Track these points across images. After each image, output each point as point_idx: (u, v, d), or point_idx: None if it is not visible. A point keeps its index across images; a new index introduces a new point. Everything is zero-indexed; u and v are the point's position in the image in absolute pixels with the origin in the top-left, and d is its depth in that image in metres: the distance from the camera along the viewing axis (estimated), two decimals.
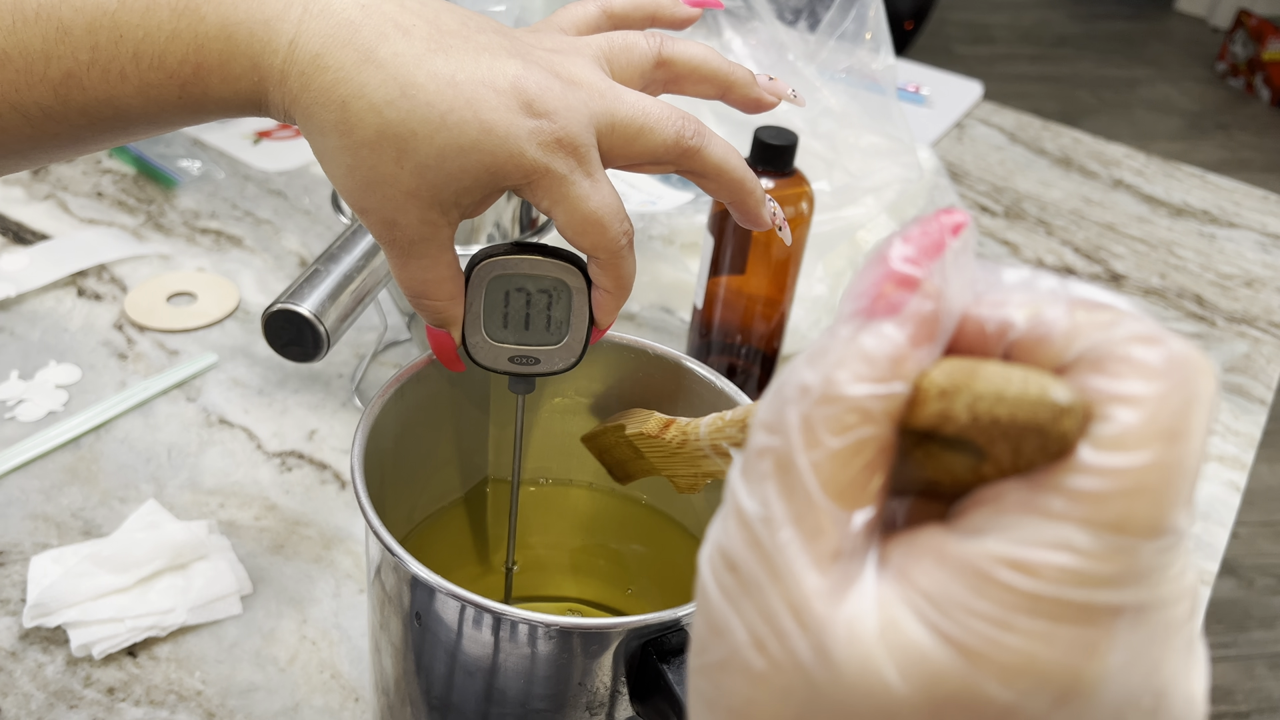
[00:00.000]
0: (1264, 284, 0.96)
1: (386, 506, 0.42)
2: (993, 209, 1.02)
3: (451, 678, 0.34)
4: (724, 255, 0.67)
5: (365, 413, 0.38)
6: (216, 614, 0.55)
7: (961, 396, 0.19)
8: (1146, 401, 0.18)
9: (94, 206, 0.86)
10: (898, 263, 0.20)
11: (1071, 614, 0.18)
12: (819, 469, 0.19)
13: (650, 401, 0.44)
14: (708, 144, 0.36)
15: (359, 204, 0.34)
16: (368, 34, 0.32)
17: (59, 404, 0.67)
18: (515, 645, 0.32)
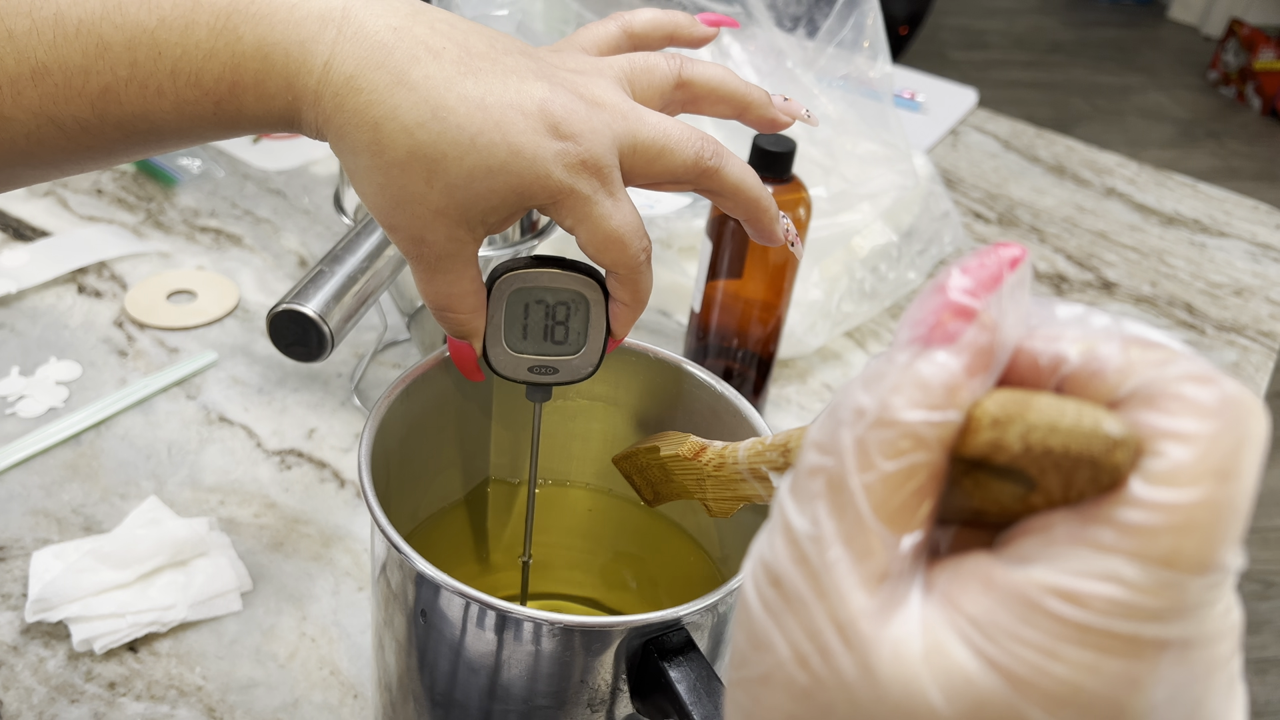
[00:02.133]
0: (1253, 293, 0.97)
1: (391, 506, 0.42)
2: (986, 216, 1.03)
3: (455, 674, 0.35)
4: (722, 260, 0.68)
5: (372, 413, 0.39)
6: (217, 610, 0.56)
7: (1015, 426, 0.19)
8: (1199, 439, 0.19)
9: (94, 204, 0.87)
10: (956, 293, 0.20)
11: (1118, 646, 0.18)
12: (871, 491, 0.19)
13: (650, 405, 0.45)
14: (726, 164, 0.37)
15: (388, 221, 0.35)
16: (400, 57, 0.33)
17: (59, 400, 0.68)
18: (519, 643, 0.33)
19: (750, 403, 0.72)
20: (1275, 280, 0.99)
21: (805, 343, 0.76)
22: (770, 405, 0.75)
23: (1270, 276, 1.00)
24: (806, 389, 0.78)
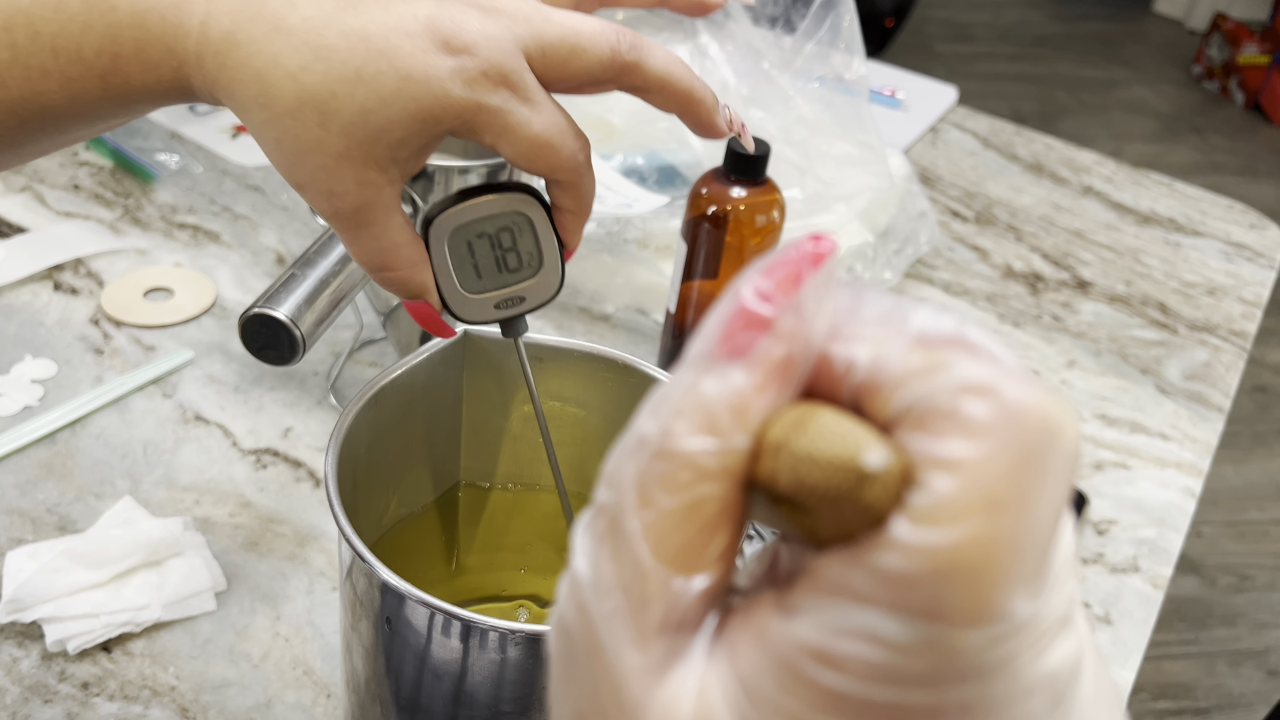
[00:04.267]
0: (1226, 293, 0.98)
1: (359, 510, 0.43)
2: (964, 214, 1.04)
3: (420, 680, 0.35)
4: (697, 261, 0.68)
5: (339, 420, 0.39)
6: (191, 610, 0.56)
7: (784, 455, 0.17)
8: (966, 466, 0.16)
9: (71, 199, 0.87)
10: (750, 300, 0.17)
11: (879, 716, 0.16)
12: (650, 531, 0.17)
13: (620, 411, 0.45)
14: (647, 57, 0.35)
15: (295, 178, 0.34)
16: (276, 3, 0.32)
17: (34, 399, 0.68)
18: (483, 651, 0.33)
19: None
20: (1248, 280, 1.00)
21: None
22: None
23: (1243, 276, 1.01)
24: None
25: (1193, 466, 0.76)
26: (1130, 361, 0.87)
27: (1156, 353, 0.88)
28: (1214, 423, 0.81)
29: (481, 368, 0.45)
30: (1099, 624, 0.63)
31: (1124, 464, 0.76)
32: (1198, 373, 0.87)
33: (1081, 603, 0.19)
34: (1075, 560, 0.18)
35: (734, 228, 0.66)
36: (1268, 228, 1.09)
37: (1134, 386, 0.84)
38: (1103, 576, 0.67)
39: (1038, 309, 0.91)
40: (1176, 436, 0.79)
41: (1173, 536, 0.70)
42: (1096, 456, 0.76)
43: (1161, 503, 0.73)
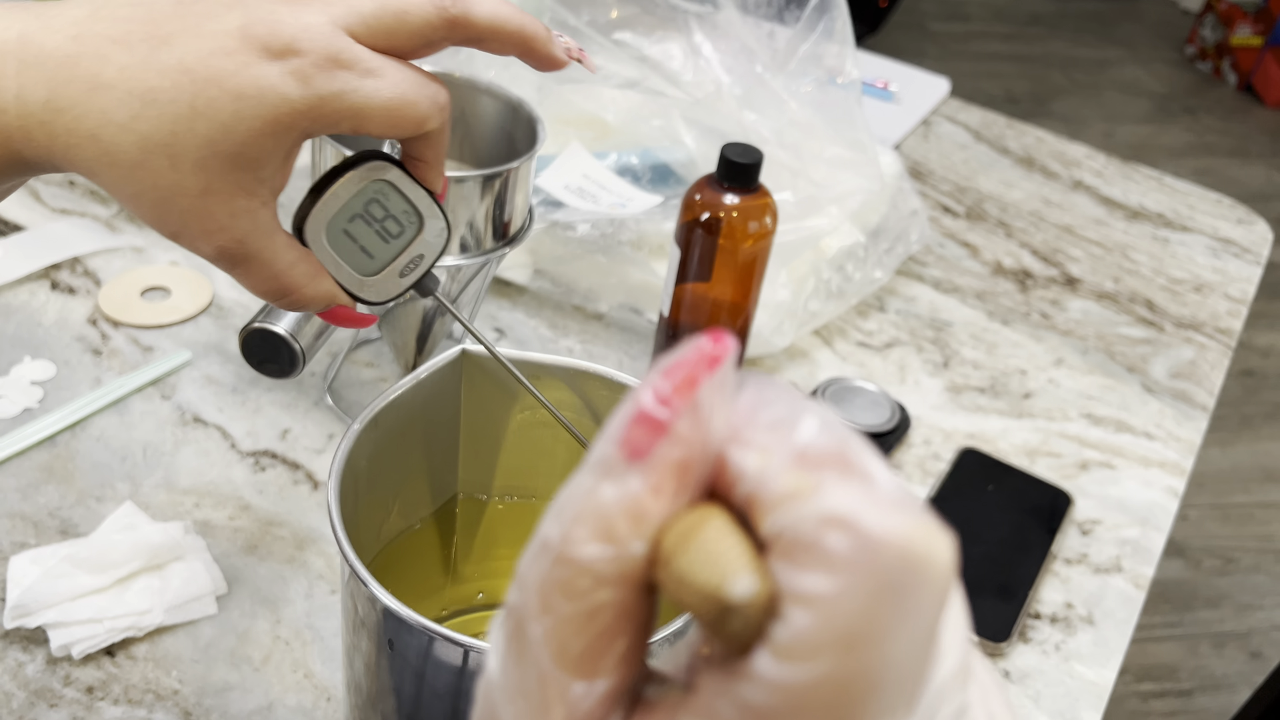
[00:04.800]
0: (1212, 289, 0.99)
1: (359, 523, 0.44)
2: (955, 209, 1.05)
3: (419, 698, 0.37)
4: (690, 265, 0.69)
5: (341, 442, 0.40)
6: (192, 614, 0.57)
7: (668, 571, 0.17)
8: (822, 602, 0.16)
9: (66, 196, 0.87)
10: (648, 403, 0.17)
11: None
12: (551, 637, 0.17)
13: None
14: (473, 6, 0.35)
15: (168, 229, 0.33)
16: (88, 62, 0.32)
17: (34, 401, 0.68)
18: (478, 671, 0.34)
19: None
20: (1234, 276, 1.01)
21: (772, 343, 0.78)
22: None
23: (1229, 272, 1.02)
24: None
25: (1176, 466, 0.78)
26: (1117, 359, 0.88)
27: (1143, 350, 0.89)
28: (1198, 421, 0.82)
29: (478, 384, 0.46)
30: (1081, 624, 0.65)
31: (1109, 464, 0.77)
32: (1183, 371, 0.88)
33: (980, 704, 0.19)
34: (965, 672, 0.18)
35: (727, 233, 0.67)
36: (1255, 223, 1.10)
37: (1120, 385, 0.85)
38: (1086, 577, 0.68)
39: (1027, 306, 0.92)
40: (1161, 435, 0.80)
41: (1155, 536, 0.72)
42: (1082, 456, 0.77)
43: (1145, 502, 0.74)
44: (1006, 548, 0.68)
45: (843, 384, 0.78)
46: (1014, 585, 0.66)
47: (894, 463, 0.74)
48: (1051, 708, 0.60)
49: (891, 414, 0.76)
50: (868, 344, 0.85)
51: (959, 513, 0.70)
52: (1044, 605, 0.66)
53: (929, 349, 0.85)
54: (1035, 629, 0.64)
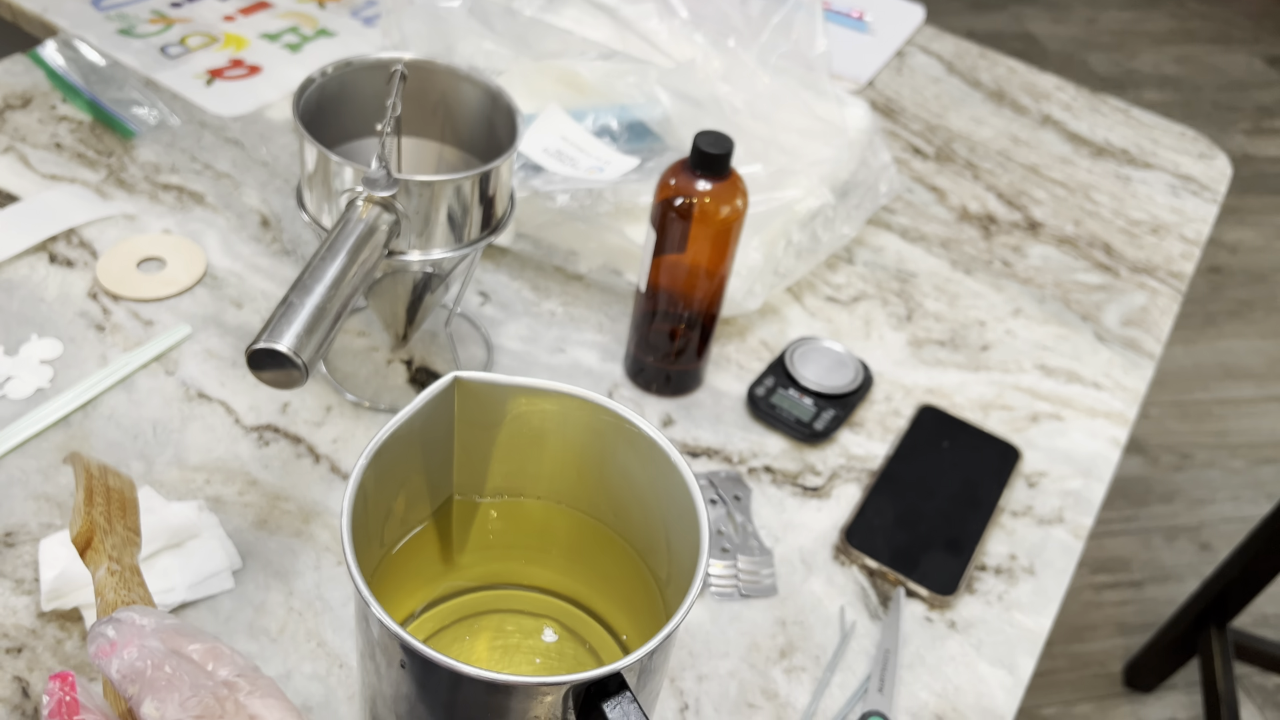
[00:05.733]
0: (1169, 231, 1.03)
1: (369, 534, 0.49)
2: (925, 150, 1.07)
3: (431, 708, 0.42)
4: (666, 243, 0.72)
5: (351, 480, 0.44)
6: (212, 589, 0.63)
7: None
8: None
9: (55, 160, 0.89)
10: None
11: None
12: None
13: (592, 440, 0.51)
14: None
15: None
16: None
17: (45, 380, 0.72)
18: (489, 694, 0.40)
19: (694, 363, 0.77)
20: (1190, 216, 1.05)
21: (744, 306, 0.82)
22: (712, 364, 0.82)
23: (1186, 212, 1.05)
24: (745, 346, 0.84)
25: (1121, 416, 0.83)
26: (1072, 308, 0.92)
27: (1098, 298, 0.94)
28: (1144, 370, 0.88)
29: (470, 404, 0.50)
30: (1023, 574, 0.71)
31: (1058, 415, 0.83)
32: (1134, 318, 0.92)
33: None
34: None
35: (699, 217, 0.70)
36: (1216, 157, 1.13)
37: (1073, 334, 0.90)
38: (1030, 529, 0.74)
39: (989, 254, 0.96)
40: (1109, 385, 0.86)
41: (1096, 487, 0.78)
42: (1033, 409, 0.83)
43: (1089, 454, 0.80)
44: (958, 503, 0.74)
45: (810, 344, 0.82)
46: (963, 540, 0.72)
47: (857, 421, 0.79)
48: (991, 655, 0.66)
49: (856, 374, 0.80)
50: (835, 298, 0.89)
51: (916, 470, 0.76)
52: (990, 557, 0.72)
53: (894, 301, 0.90)
54: (980, 580, 0.71)
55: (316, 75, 0.67)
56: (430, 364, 0.78)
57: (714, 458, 0.75)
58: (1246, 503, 1.92)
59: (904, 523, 0.72)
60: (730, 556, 0.69)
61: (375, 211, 0.61)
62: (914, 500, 0.74)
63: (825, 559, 0.70)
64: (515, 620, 0.56)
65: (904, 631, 0.67)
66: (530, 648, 0.55)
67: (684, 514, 0.47)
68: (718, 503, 0.72)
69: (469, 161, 0.73)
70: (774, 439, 0.77)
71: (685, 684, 0.62)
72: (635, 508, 0.52)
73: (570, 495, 0.54)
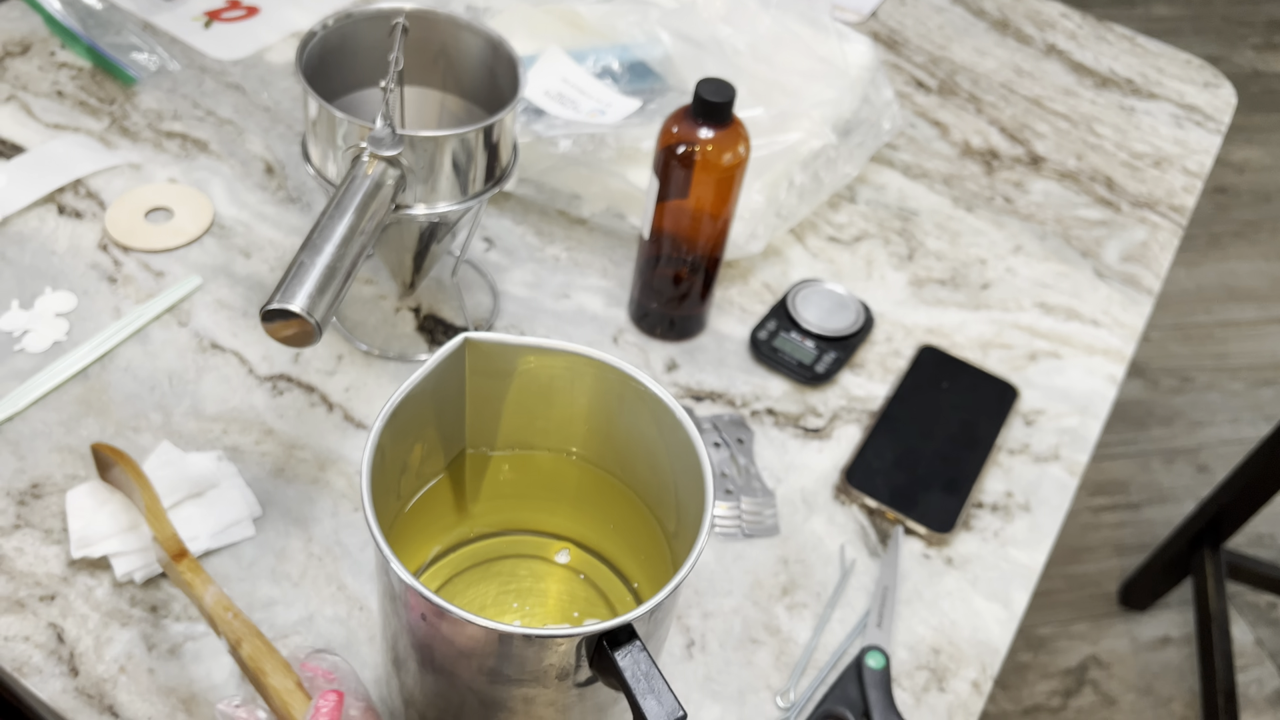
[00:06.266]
0: (1171, 163, 1.03)
1: (386, 488, 0.50)
2: (928, 84, 1.07)
3: (451, 655, 0.44)
4: (669, 189, 0.73)
5: (367, 443, 0.46)
6: (234, 537, 0.65)
7: None
8: None
9: (57, 108, 0.89)
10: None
11: None
12: None
13: (600, 401, 0.52)
14: None
15: None
16: None
17: (62, 333, 0.73)
18: (506, 645, 0.42)
19: (697, 307, 0.78)
20: (1193, 148, 1.05)
21: (747, 249, 0.82)
22: (715, 308, 0.83)
23: (1189, 144, 1.05)
24: (748, 289, 0.85)
25: (1118, 353, 0.85)
26: (1073, 244, 0.93)
27: (1098, 233, 0.95)
28: (1143, 306, 0.89)
29: (481, 362, 0.51)
30: (1019, 511, 0.73)
31: (1056, 353, 0.84)
32: (1134, 253, 0.93)
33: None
34: None
35: (702, 164, 0.70)
36: (1221, 86, 1.12)
37: (1073, 271, 0.91)
38: (1027, 466, 0.76)
39: (991, 190, 0.97)
40: (1107, 322, 0.87)
41: (1092, 424, 0.79)
42: (1032, 347, 0.84)
43: (1086, 391, 0.81)
44: (956, 442, 0.76)
45: (812, 286, 0.83)
46: (961, 478, 0.74)
47: (858, 362, 0.81)
48: (987, 590, 0.69)
49: (857, 316, 0.82)
50: (837, 239, 0.90)
51: (915, 410, 0.77)
52: (986, 495, 0.74)
53: (895, 241, 0.90)
54: (977, 517, 0.73)
55: (318, 28, 0.67)
56: (438, 311, 0.79)
57: (717, 401, 0.77)
58: (1245, 425, 1.94)
59: (903, 463, 0.74)
60: (734, 498, 0.71)
61: (381, 167, 0.62)
62: (913, 440, 0.75)
63: (826, 499, 0.72)
64: (527, 565, 0.58)
65: (902, 569, 0.69)
66: (542, 591, 0.58)
67: (690, 469, 0.48)
68: (721, 446, 0.73)
69: (471, 110, 0.73)
70: (776, 381, 0.78)
71: (691, 621, 0.65)
72: (643, 461, 0.53)
73: (580, 448, 0.56)
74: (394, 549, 0.42)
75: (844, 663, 0.64)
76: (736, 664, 0.63)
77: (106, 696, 0.58)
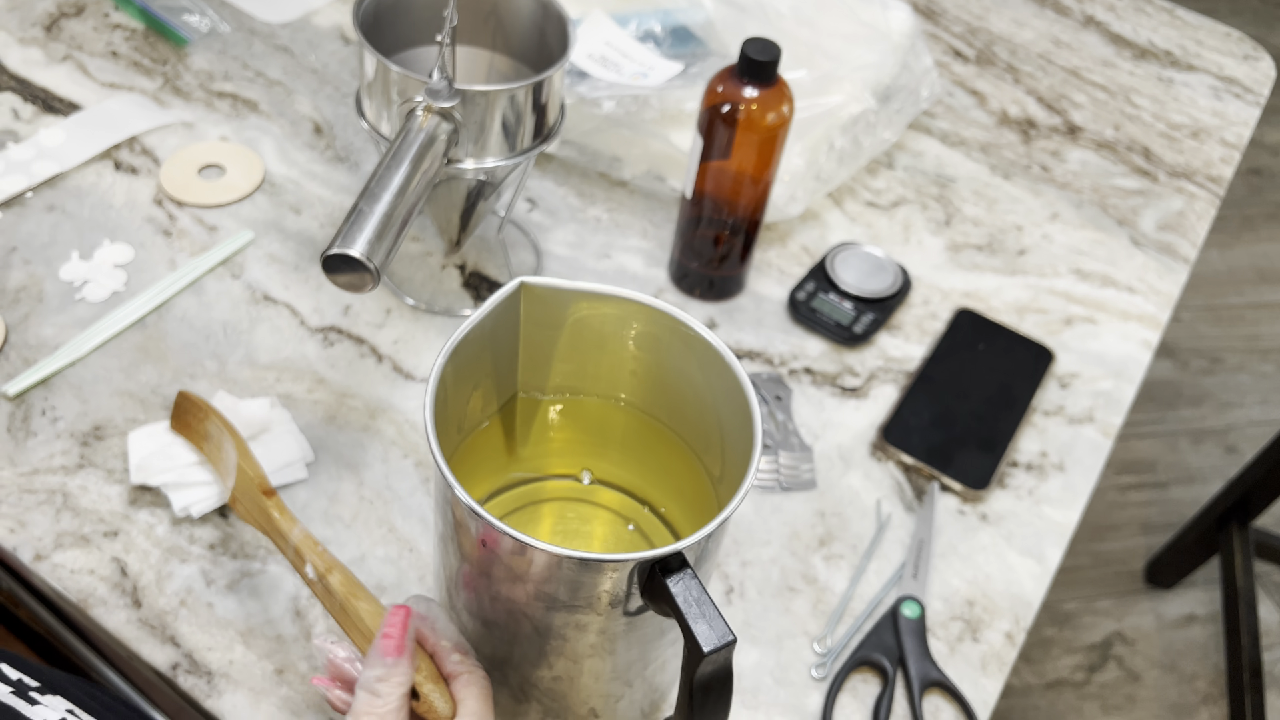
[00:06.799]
0: (1209, 134, 1.03)
1: (448, 422, 0.52)
2: (965, 54, 1.07)
3: (507, 581, 0.46)
4: (712, 149, 0.74)
5: (429, 384, 0.47)
6: (287, 479, 0.67)
7: (421, 693, 0.48)
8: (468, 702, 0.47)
9: (112, 68, 0.91)
10: (386, 641, 0.46)
11: None
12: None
13: (647, 345, 0.54)
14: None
15: None
16: None
17: (120, 284, 0.76)
18: (559, 569, 0.44)
19: (737, 268, 0.80)
20: (1232, 119, 1.05)
21: (787, 211, 0.84)
22: (754, 270, 0.84)
23: (1228, 115, 1.05)
24: (786, 252, 0.86)
25: (1153, 319, 0.85)
26: (1109, 212, 0.94)
27: (1134, 202, 0.95)
28: (1179, 274, 0.89)
29: (534, 307, 0.53)
30: (1053, 471, 0.74)
31: (1091, 318, 0.85)
32: (1171, 222, 0.94)
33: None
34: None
35: (745, 124, 0.71)
36: (1260, 59, 1.12)
37: (1109, 239, 0.91)
38: (1061, 427, 0.77)
39: (1028, 159, 0.97)
40: (1142, 289, 0.88)
41: (1126, 388, 0.80)
42: (1068, 312, 0.85)
43: (1121, 356, 0.82)
44: (992, 403, 0.77)
45: (850, 249, 0.84)
46: (996, 438, 0.75)
47: (895, 324, 0.82)
48: (1020, 545, 0.70)
49: (895, 279, 0.83)
50: (875, 204, 0.91)
51: (952, 371, 0.78)
52: (1021, 454, 0.75)
53: (933, 206, 0.91)
54: (1012, 476, 0.74)
55: None
56: (483, 269, 0.81)
57: (755, 360, 0.78)
58: (1275, 406, 1.94)
59: (939, 422, 0.75)
60: (772, 452, 0.72)
61: (435, 121, 0.64)
62: (949, 400, 0.77)
63: (863, 455, 0.73)
64: (575, 508, 0.60)
65: (937, 523, 0.70)
66: (589, 533, 0.59)
67: (738, 411, 0.50)
68: (760, 402, 0.75)
69: (520, 70, 0.75)
70: (814, 341, 0.80)
71: (730, 569, 0.67)
72: (691, 407, 0.55)
73: (628, 394, 0.58)
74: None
75: (879, 612, 0.66)
76: (775, 611, 0.65)
77: (169, 628, 0.60)
